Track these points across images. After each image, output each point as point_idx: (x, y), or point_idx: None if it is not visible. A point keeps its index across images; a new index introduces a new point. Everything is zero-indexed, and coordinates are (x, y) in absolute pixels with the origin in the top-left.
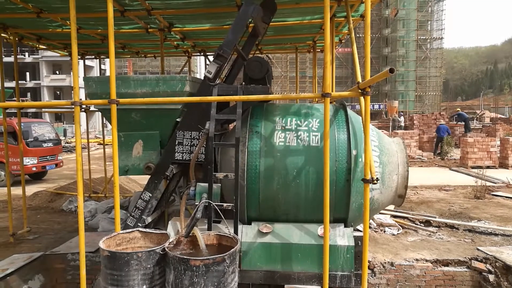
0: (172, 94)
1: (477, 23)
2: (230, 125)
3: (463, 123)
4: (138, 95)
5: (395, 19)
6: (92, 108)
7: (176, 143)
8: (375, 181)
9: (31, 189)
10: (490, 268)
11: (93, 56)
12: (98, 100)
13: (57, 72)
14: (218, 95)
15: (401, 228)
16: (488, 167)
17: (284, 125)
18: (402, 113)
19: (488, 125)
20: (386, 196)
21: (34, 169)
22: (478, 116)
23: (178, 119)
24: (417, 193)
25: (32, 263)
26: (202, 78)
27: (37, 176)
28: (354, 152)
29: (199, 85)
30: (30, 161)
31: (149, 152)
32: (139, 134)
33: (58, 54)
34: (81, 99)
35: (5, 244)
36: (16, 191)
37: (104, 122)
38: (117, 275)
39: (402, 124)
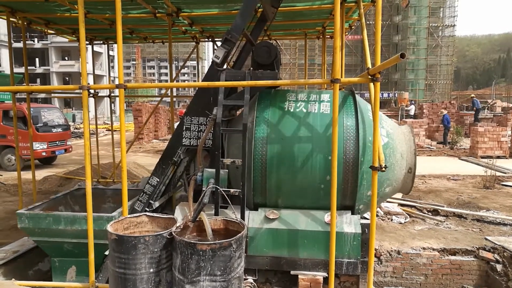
0: (99, 231)
1: (490, 10)
2: (237, 111)
3: (473, 112)
4: (68, 231)
5: (405, 9)
6: (100, 94)
7: (184, 129)
8: (384, 169)
9: (41, 174)
10: (498, 257)
11: (101, 42)
12: (106, 85)
13: (66, 58)
14: (225, 80)
15: (408, 216)
16: (498, 157)
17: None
18: (412, 102)
19: (499, 114)
20: (396, 173)
21: (43, 154)
22: (489, 105)
23: (106, 253)
24: (425, 182)
25: None
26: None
27: (47, 161)
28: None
29: (207, 70)
30: (39, 146)
31: (82, 277)
32: (72, 261)
33: (67, 40)
34: (89, 84)
35: (15, 227)
36: (26, 175)
37: (113, 108)
38: (125, 259)
39: (412, 113)
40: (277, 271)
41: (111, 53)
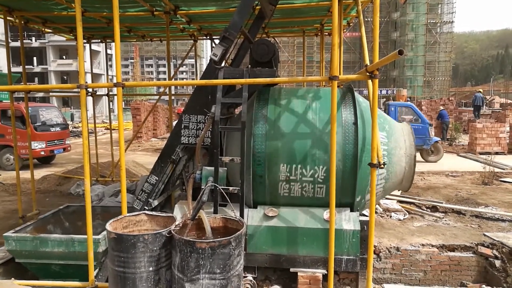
0: (85, 254)
1: (489, 6)
2: (236, 108)
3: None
4: (55, 253)
5: (404, 6)
6: (98, 93)
7: (182, 127)
8: (382, 166)
9: (39, 173)
10: (497, 253)
11: (99, 40)
12: (104, 83)
13: (64, 57)
14: (224, 78)
15: (407, 213)
16: (496, 153)
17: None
18: (409, 99)
19: (497, 110)
20: (396, 161)
21: (42, 153)
22: (487, 101)
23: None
24: (424, 178)
25: None
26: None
27: (46, 160)
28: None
29: (205, 68)
30: (38, 145)
31: None
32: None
33: (65, 39)
34: (86, 82)
35: (14, 226)
36: (25, 174)
37: (111, 107)
38: (124, 257)
39: None
40: (276, 268)
41: (109, 51)
